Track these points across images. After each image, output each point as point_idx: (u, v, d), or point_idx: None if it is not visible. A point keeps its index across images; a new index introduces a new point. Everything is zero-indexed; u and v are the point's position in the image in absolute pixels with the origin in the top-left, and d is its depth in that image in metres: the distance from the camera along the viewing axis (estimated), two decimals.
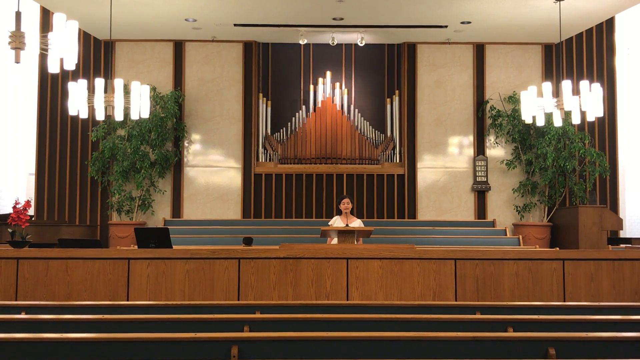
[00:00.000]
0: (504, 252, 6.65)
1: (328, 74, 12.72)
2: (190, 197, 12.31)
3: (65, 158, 12.33)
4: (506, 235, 11.72)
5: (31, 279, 6.32)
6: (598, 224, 10.99)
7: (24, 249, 6.66)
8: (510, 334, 3.85)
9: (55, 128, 12.33)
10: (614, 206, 12.41)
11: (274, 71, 12.93)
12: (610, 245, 10.84)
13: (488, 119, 12.37)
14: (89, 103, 9.47)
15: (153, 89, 11.81)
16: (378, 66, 12.98)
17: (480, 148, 12.48)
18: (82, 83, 9.42)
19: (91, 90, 9.73)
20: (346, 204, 8.22)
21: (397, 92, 12.69)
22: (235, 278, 6.33)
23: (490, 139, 12.44)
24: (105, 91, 9.42)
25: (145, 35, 12.18)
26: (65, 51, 6.83)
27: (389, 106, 12.74)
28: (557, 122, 9.99)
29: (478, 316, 4.45)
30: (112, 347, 3.43)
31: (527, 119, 10.24)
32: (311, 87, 12.77)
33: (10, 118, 13.18)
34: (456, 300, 6.28)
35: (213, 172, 12.37)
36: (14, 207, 7.21)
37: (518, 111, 11.67)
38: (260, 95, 12.58)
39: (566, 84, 9.62)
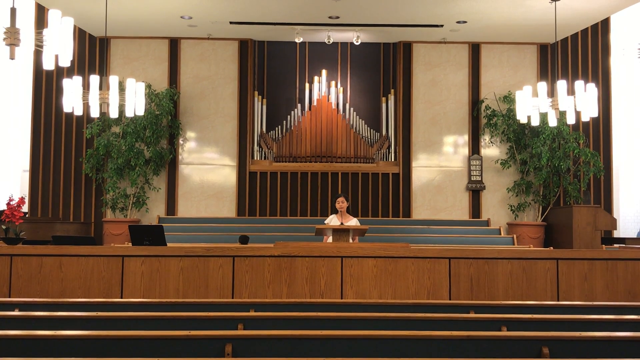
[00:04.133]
0: (498, 252, 6.67)
1: (324, 72, 12.71)
2: (184, 194, 12.29)
3: (60, 155, 12.30)
4: (500, 234, 11.74)
5: (25, 275, 6.30)
6: (592, 223, 11.02)
7: (17, 246, 6.64)
8: (504, 333, 3.85)
9: (50, 125, 12.29)
10: (608, 206, 12.45)
11: (269, 69, 12.93)
12: (604, 245, 10.88)
13: (483, 118, 12.39)
14: (83, 100, 9.46)
15: (148, 86, 11.79)
16: (374, 65, 12.98)
17: (475, 147, 12.50)
18: (77, 80, 9.40)
19: (86, 87, 9.71)
20: (341, 203, 8.21)
21: (392, 91, 12.70)
22: (230, 276, 6.32)
23: (485, 139, 12.46)
24: (100, 88, 9.40)
25: (140, 33, 12.15)
26: (60, 48, 6.81)
27: (384, 105, 12.75)
28: (552, 122, 10.01)
29: (472, 315, 4.45)
30: (106, 344, 3.42)
31: (522, 119, 10.26)
32: (307, 85, 12.77)
33: (5, 115, 13.14)
34: (450, 299, 6.29)
35: (208, 169, 12.35)
36: (8, 204, 7.19)
37: (513, 111, 11.70)
38: (256, 93, 12.57)
39: (561, 84, 9.64)
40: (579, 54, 12.65)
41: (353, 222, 8.25)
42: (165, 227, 7.53)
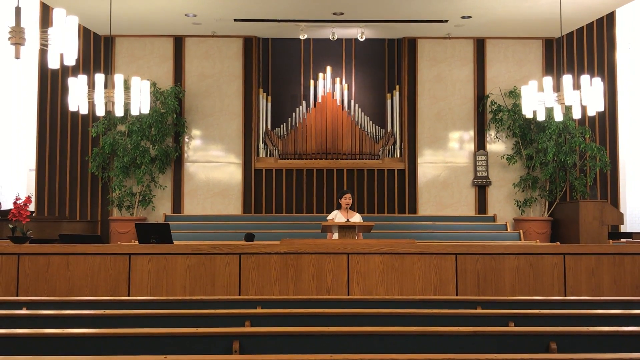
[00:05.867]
0: (504, 247, 6.66)
1: (328, 69, 12.70)
2: (190, 192, 12.31)
3: (66, 154, 12.33)
4: (507, 230, 11.72)
5: (32, 274, 6.33)
6: (599, 218, 10.99)
7: (24, 245, 6.66)
8: (512, 328, 3.85)
9: (56, 124, 12.32)
10: (615, 201, 12.40)
11: (274, 66, 12.92)
12: (610, 240, 10.85)
13: (488, 113, 12.36)
14: (89, 99, 9.48)
15: (153, 85, 11.80)
16: (378, 61, 12.96)
17: (480, 143, 12.47)
18: (82, 78, 9.42)
19: (91, 85, 9.73)
20: (348, 199, 8.22)
21: (397, 87, 12.68)
22: (236, 273, 6.33)
23: (491, 134, 12.44)
24: (105, 87, 9.42)
25: (145, 31, 12.16)
26: (65, 47, 6.82)
27: (389, 101, 12.73)
28: (558, 116, 9.98)
29: (479, 311, 4.45)
30: (113, 342, 3.43)
31: (528, 114, 10.23)
32: (311, 82, 12.76)
33: (11, 114, 13.17)
34: (457, 295, 6.28)
35: (213, 167, 12.37)
36: (15, 203, 7.22)
37: (519, 106, 11.66)
38: (261, 90, 12.57)
39: (567, 79, 9.60)
40: (585, 48, 12.60)
41: (356, 217, 8.27)
42: (171, 225, 7.55)
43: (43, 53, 8.59)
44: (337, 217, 8.28)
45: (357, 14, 11.27)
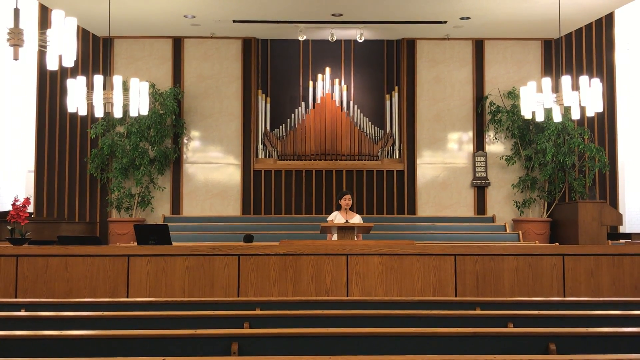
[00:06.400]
0: (503, 248, 6.65)
1: (327, 70, 12.70)
2: (189, 193, 12.30)
3: (65, 155, 12.32)
4: (506, 230, 11.72)
5: (31, 276, 6.32)
6: (598, 219, 10.99)
7: (23, 246, 6.66)
8: (511, 329, 3.84)
9: (54, 125, 12.31)
10: (614, 201, 12.40)
11: (273, 67, 12.92)
12: (610, 241, 10.85)
13: (487, 114, 12.36)
14: (87, 100, 9.47)
15: (152, 86, 11.79)
16: (377, 62, 12.96)
17: (479, 144, 12.47)
18: (81, 80, 9.41)
19: (90, 87, 9.72)
20: (347, 200, 8.23)
21: (396, 88, 12.68)
22: (235, 274, 6.32)
23: (490, 135, 12.44)
24: (104, 88, 9.42)
25: (144, 32, 12.16)
26: (64, 48, 6.82)
27: (388, 102, 12.73)
28: (557, 117, 9.98)
29: (478, 312, 4.44)
30: (112, 344, 3.43)
31: (527, 115, 10.23)
32: (310, 83, 12.76)
33: (9, 115, 13.17)
34: (456, 296, 6.28)
35: (212, 168, 12.36)
36: (13, 205, 7.22)
37: (517, 107, 11.66)
38: (260, 91, 12.57)
39: (565, 80, 9.61)
40: (583, 49, 12.61)
41: (356, 218, 8.27)
42: (170, 226, 7.54)
43: (42, 54, 8.58)
44: (336, 218, 8.28)
45: (356, 15, 11.28)
